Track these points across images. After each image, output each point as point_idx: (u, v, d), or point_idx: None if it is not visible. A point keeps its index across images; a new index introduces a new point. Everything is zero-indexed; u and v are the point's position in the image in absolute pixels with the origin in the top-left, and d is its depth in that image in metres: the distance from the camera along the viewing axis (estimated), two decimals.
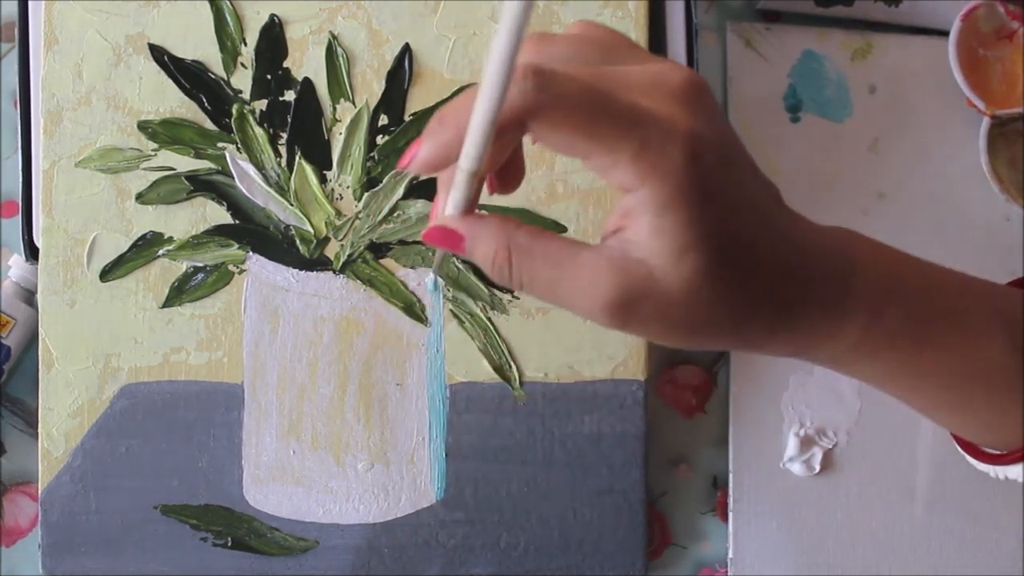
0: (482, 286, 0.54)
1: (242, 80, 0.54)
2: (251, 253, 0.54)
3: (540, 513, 0.54)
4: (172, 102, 0.53)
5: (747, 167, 0.38)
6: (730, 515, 0.58)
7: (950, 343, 0.39)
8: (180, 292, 0.53)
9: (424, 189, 0.54)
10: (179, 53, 0.54)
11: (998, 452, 0.42)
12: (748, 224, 0.36)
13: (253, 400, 0.54)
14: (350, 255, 0.54)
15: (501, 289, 0.54)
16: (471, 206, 0.37)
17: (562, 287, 0.36)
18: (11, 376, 0.57)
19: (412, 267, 0.54)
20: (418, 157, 0.37)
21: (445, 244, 0.38)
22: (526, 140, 0.36)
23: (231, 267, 0.54)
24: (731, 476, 0.58)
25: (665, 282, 0.35)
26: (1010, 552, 0.59)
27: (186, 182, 0.53)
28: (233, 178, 0.53)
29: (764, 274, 0.37)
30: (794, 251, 0.37)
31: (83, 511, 0.53)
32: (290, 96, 0.54)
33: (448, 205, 0.37)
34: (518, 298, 0.54)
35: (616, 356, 0.55)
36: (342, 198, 0.54)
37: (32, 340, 0.56)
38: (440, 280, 0.54)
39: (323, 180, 0.54)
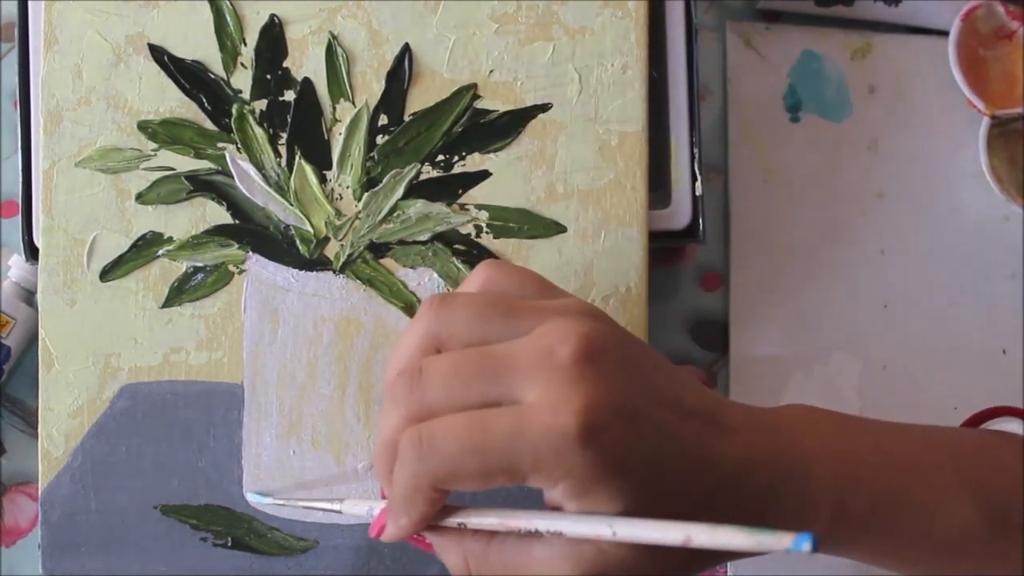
0: None
1: (242, 80, 0.54)
2: (251, 253, 0.54)
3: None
4: (172, 102, 0.53)
5: (659, 384, 0.36)
6: None
7: (918, 520, 0.39)
8: (180, 292, 0.53)
9: (425, 189, 0.54)
10: (179, 53, 0.54)
11: None
12: (677, 462, 0.35)
13: (253, 400, 0.54)
14: (350, 255, 0.54)
15: None
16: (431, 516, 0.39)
17: None
18: (11, 376, 0.57)
19: (412, 267, 0.54)
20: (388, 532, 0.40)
21: (420, 544, 0.40)
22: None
23: (231, 267, 0.54)
24: None
25: (615, 553, 0.35)
26: None
27: (186, 182, 0.53)
28: (233, 178, 0.53)
29: (712, 503, 0.36)
30: (738, 463, 0.36)
31: (83, 511, 0.53)
32: (290, 96, 0.54)
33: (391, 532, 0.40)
34: None
35: None
36: (342, 198, 0.54)
37: (32, 340, 0.56)
38: None
39: (323, 180, 0.54)
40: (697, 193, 0.56)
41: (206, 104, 0.53)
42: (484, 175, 0.54)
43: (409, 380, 0.37)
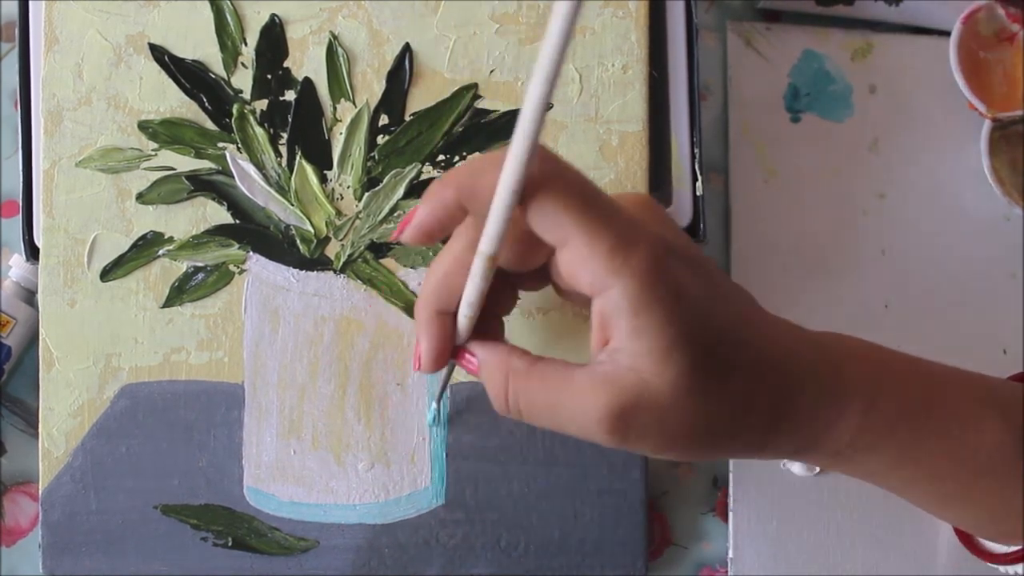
0: None
1: (242, 80, 0.54)
2: (251, 253, 0.54)
3: (540, 513, 0.54)
4: (172, 102, 0.53)
5: (715, 271, 0.38)
6: (730, 515, 0.58)
7: (948, 430, 0.39)
8: (180, 292, 0.53)
9: (424, 189, 0.54)
10: (179, 53, 0.54)
11: (1000, 551, 0.41)
12: (727, 322, 0.37)
13: (253, 400, 0.54)
14: (351, 255, 0.54)
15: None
16: (483, 300, 0.38)
17: (559, 410, 0.37)
18: (11, 376, 0.57)
19: (413, 267, 0.54)
20: (414, 221, 0.37)
21: (468, 367, 0.40)
22: None
23: (231, 267, 0.54)
24: (731, 476, 0.58)
25: (655, 387, 0.35)
26: None
27: (186, 182, 0.53)
28: (233, 178, 0.53)
29: (753, 370, 0.36)
30: (780, 346, 0.38)
31: (83, 511, 0.53)
32: (290, 96, 0.54)
33: (464, 300, 0.38)
34: (519, 297, 0.54)
35: None
36: (343, 198, 0.54)
37: (32, 340, 0.56)
38: (442, 408, 0.53)
39: (323, 180, 0.54)
40: (698, 193, 0.56)
41: (207, 104, 0.53)
42: None
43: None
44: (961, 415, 0.39)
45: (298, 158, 0.54)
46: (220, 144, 0.54)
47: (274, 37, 0.54)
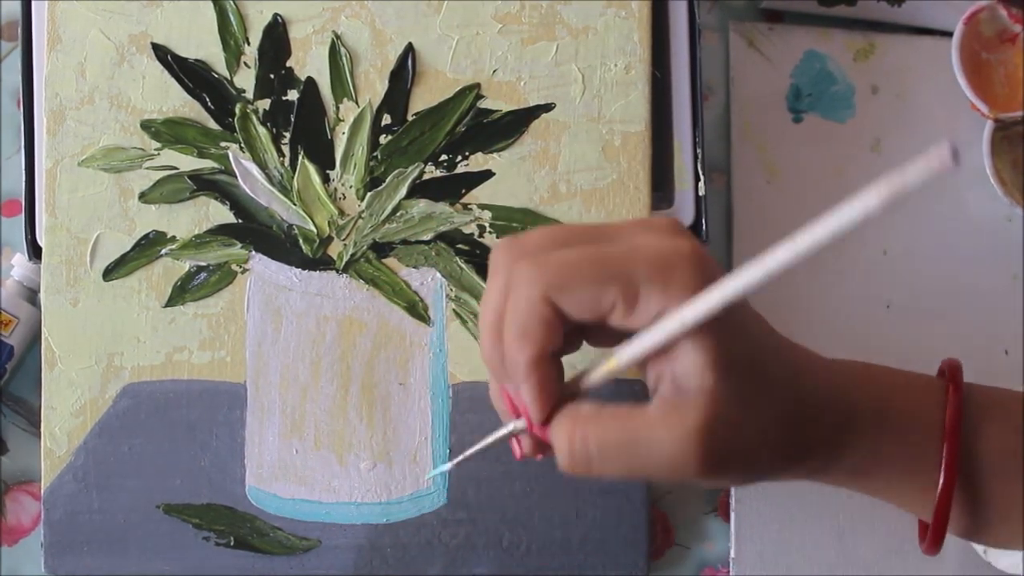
0: (485, 286, 0.54)
1: (245, 79, 0.54)
2: (254, 252, 0.54)
3: (543, 513, 0.54)
4: (175, 101, 0.53)
5: (749, 306, 0.39)
6: (732, 515, 0.58)
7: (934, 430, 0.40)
8: (183, 291, 0.53)
9: (428, 189, 0.54)
10: (182, 52, 0.54)
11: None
12: (759, 345, 0.38)
13: (256, 399, 0.54)
14: (353, 255, 0.54)
15: None
16: (548, 394, 0.38)
17: (637, 446, 0.36)
18: (14, 375, 0.57)
19: (415, 267, 0.54)
20: (533, 411, 0.38)
21: (540, 453, 0.39)
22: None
23: (234, 266, 0.54)
24: None
25: (723, 401, 0.36)
26: None
27: (189, 181, 0.53)
28: (236, 177, 0.53)
29: (785, 391, 0.38)
30: (802, 372, 0.39)
31: (85, 510, 0.53)
32: (293, 95, 0.54)
33: (530, 403, 0.38)
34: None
35: None
36: (345, 198, 0.54)
37: (35, 339, 0.56)
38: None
39: (326, 180, 0.54)
40: (700, 193, 0.56)
41: (209, 103, 0.53)
42: (487, 175, 0.54)
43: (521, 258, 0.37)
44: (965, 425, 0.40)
45: (301, 158, 0.54)
46: (223, 144, 0.54)
47: (277, 37, 0.54)
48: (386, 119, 0.54)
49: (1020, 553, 0.52)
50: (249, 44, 0.54)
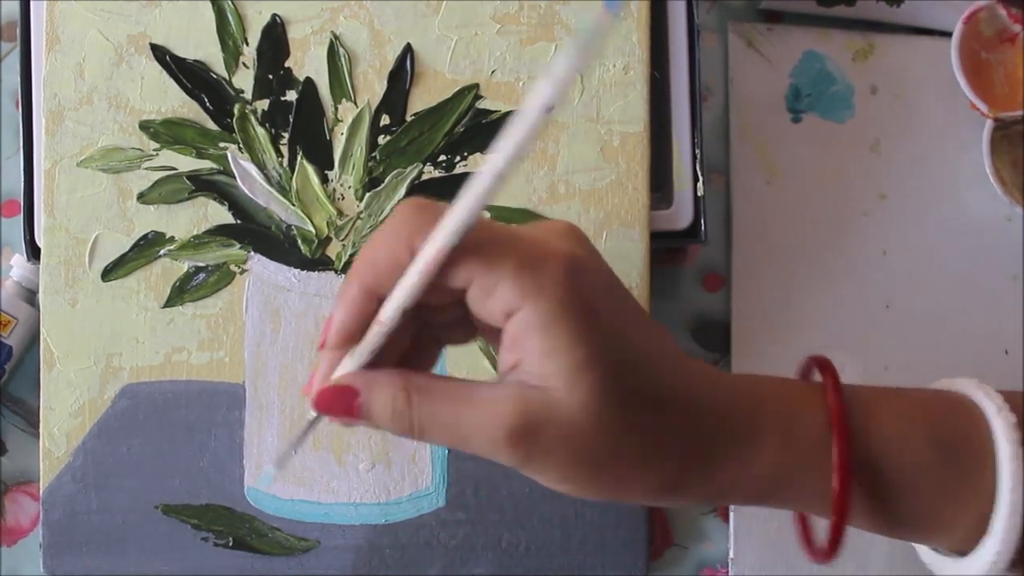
0: None
1: (244, 80, 0.54)
2: (253, 253, 0.54)
3: (542, 513, 0.54)
4: (174, 102, 0.53)
5: (632, 301, 0.37)
6: (731, 515, 0.58)
7: (871, 451, 0.39)
8: (182, 292, 0.53)
9: (427, 189, 0.54)
10: (181, 53, 0.54)
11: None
12: (642, 351, 0.36)
13: (255, 400, 0.54)
14: (352, 255, 0.54)
15: None
16: (357, 325, 0.36)
17: (461, 425, 0.35)
18: (12, 376, 0.57)
19: None
20: (334, 327, 0.36)
21: (338, 405, 0.36)
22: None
23: (233, 267, 0.54)
24: None
25: (564, 405, 0.34)
26: None
27: (188, 182, 0.53)
28: (235, 178, 0.53)
29: (666, 406, 0.36)
30: (696, 387, 0.37)
31: (84, 511, 0.53)
32: (292, 96, 0.54)
33: (347, 359, 0.36)
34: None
35: None
36: (344, 198, 0.54)
37: (33, 340, 0.56)
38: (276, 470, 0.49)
39: (325, 180, 0.54)
40: (699, 194, 0.56)
41: (208, 104, 0.53)
42: None
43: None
44: (890, 432, 0.39)
45: (299, 158, 0.54)
46: (221, 144, 0.54)
47: (275, 37, 0.54)
48: (385, 119, 0.54)
49: None
50: (248, 44, 0.54)
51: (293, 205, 0.54)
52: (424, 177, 0.54)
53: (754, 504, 0.39)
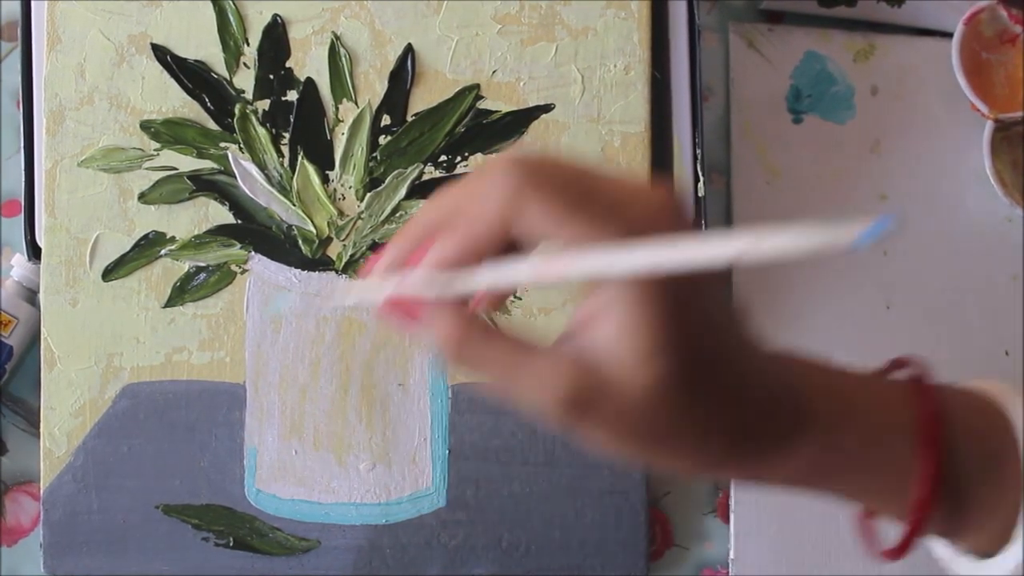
0: None
1: (245, 80, 0.54)
2: (253, 253, 0.54)
3: (542, 513, 0.54)
4: (175, 102, 0.53)
5: (720, 289, 0.37)
6: (731, 516, 0.58)
7: (895, 462, 0.39)
8: (182, 292, 0.53)
9: (428, 189, 0.54)
10: (182, 53, 0.53)
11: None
12: (719, 340, 0.36)
13: (255, 400, 0.54)
14: (352, 255, 0.54)
15: None
16: (457, 262, 0.35)
17: (517, 374, 0.35)
18: (13, 375, 0.57)
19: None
20: (385, 258, 0.36)
21: (402, 311, 0.36)
22: None
23: (233, 267, 0.54)
24: None
25: (628, 383, 0.34)
26: None
27: (188, 182, 0.53)
28: (235, 178, 0.53)
29: (727, 390, 0.36)
30: (757, 373, 0.37)
31: (85, 510, 0.53)
32: (293, 96, 0.54)
33: (436, 253, 0.35)
34: (520, 298, 0.54)
35: None
36: (344, 198, 0.54)
37: (34, 340, 0.56)
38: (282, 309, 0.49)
39: (325, 180, 0.54)
40: (700, 194, 0.56)
41: (209, 104, 0.53)
42: None
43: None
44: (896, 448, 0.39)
45: (300, 158, 0.54)
46: (222, 144, 0.54)
47: (276, 37, 0.54)
48: (385, 120, 0.54)
49: None
50: (248, 45, 0.54)
51: (294, 205, 0.54)
52: (425, 177, 0.54)
53: (799, 486, 0.39)
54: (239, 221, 0.54)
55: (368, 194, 0.54)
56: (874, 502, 0.40)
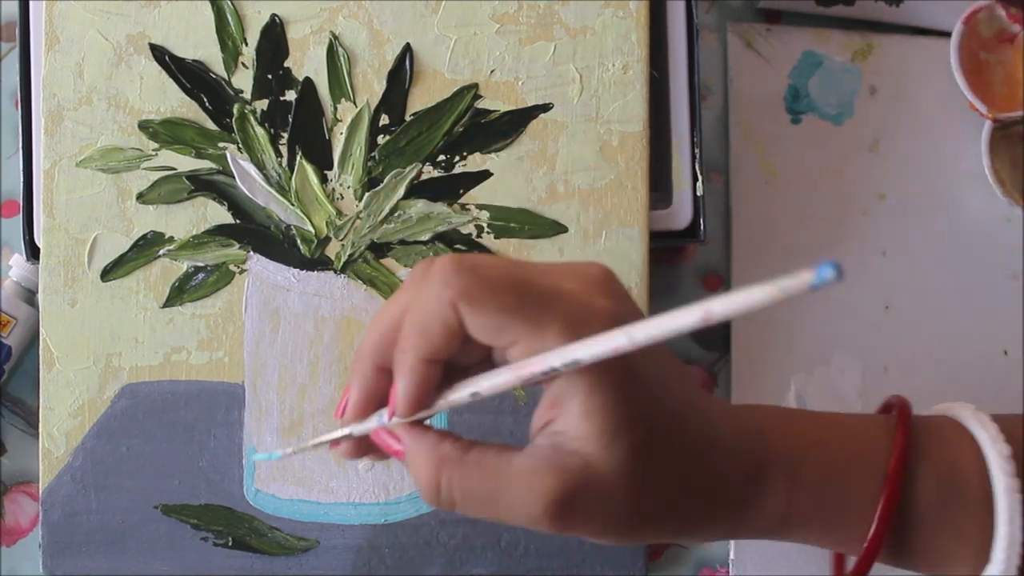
0: None
1: (243, 80, 0.54)
2: (252, 253, 0.54)
3: None
4: (173, 102, 0.53)
5: (664, 350, 0.37)
6: None
7: (869, 494, 0.39)
8: (181, 292, 0.53)
9: (426, 189, 0.54)
10: (180, 53, 0.54)
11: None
12: (673, 404, 0.36)
13: (254, 400, 0.54)
14: (351, 255, 0.54)
15: None
16: (423, 394, 0.37)
17: (499, 500, 0.35)
18: (12, 376, 0.57)
19: (413, 267, 0.54)
20: (351, 402, 0.38)
21: (390, 449, 0.38)
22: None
23: (232, 267, 0.54)
24: None
25: (601, 467, 0.35)
26: None
27: (187, 182, 0.53)
28: (234, 178, 0.53)
29: (691, 454, 0.36)
30: (715, 430, 0.38)
31: (84, 511, 0.53)
32: (291, 96, 0.54)
33: (401, 395, 0.36)
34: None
35: None
36: (343, 198, 0.54)
37: (33, 340, 0.56)
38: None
39: (324, 180, 0.54)
40: (698, 193, 0.56)
41: (207, 104, 0.53)
42: (485, 175, 0.54)
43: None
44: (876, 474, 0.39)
45: (299, 158, 0.54)
46: (221, 144, 0.54)
47: (275, 37, 0.54)
48: (384, 119, 0.54)
49: None
50: (247, 44, 0.54)
51: (292, 205, 0.54)
52: (423, 177, 0.54)
53: (768, 538, 0.40)
54: (238, 221, 0.54)
55: (367, 194, 0.54)
56: (838, 535, 0.40)
